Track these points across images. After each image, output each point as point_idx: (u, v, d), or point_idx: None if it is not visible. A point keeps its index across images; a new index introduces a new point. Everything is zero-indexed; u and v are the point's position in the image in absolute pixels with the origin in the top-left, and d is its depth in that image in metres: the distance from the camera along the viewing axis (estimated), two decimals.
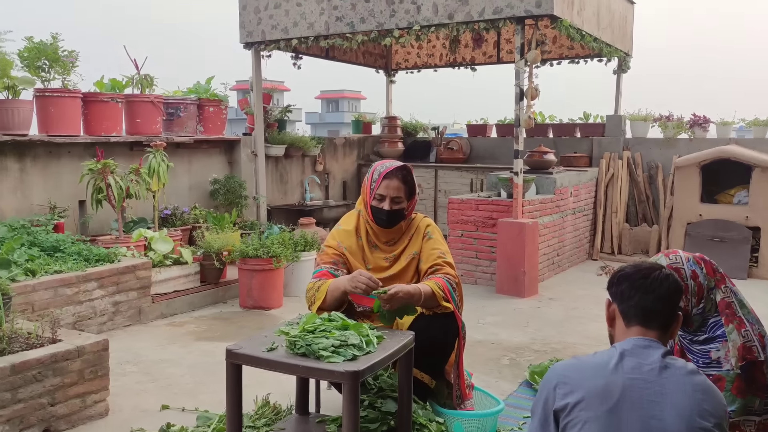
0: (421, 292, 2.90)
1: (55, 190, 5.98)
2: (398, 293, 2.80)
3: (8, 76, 5.45)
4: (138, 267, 5.14)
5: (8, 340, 3.26)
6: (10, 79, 5.48)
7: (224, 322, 5.29)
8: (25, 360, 3.08)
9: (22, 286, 4.31)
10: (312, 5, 7.01)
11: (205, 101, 7.31)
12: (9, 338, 3.28)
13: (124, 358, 4.31)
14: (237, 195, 7.42)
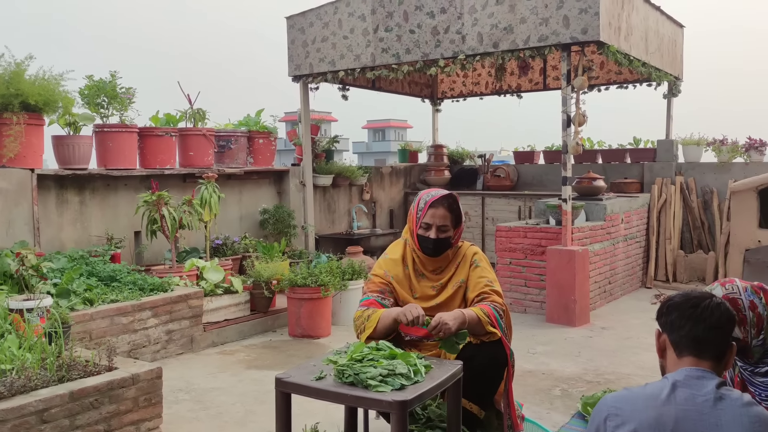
0: (465, 316, 2.90)
1: (112, 222, 6.19)
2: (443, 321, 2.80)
3: (70, 113, 5.70)
4: (190, 296, 5.25)
5: (67, 368, 3.36)
6: (72, 116, 5.74)
7: (273, 351, 5.34)
8: (83, 387, 3.17)
9: (80, 315, 4.46)
10: (358, 38, 7.15)
11: (255, 133, 7.49)
12: (68, 366, 3.38)
13: (176, 386, 4.38)
14: (286, 224, 7.53)
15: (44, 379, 3.19)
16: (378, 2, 6.98)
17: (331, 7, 7.34)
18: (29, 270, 4.37)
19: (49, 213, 5.69)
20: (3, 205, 5.16)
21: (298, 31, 7.60)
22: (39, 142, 5.46)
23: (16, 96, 5.12)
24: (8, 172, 5.22)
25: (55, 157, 5.79)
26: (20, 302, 3.93)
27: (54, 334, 3.64)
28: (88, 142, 5.86)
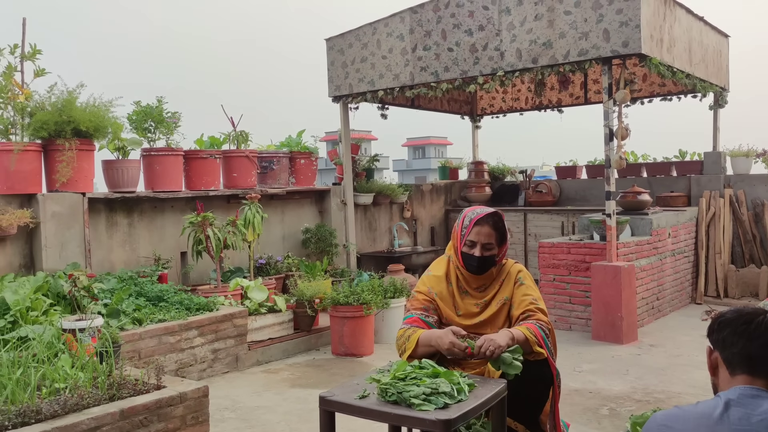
0: (513, 336, 2.85)
1: (159, 243, 6.34)
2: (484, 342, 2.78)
3: (119, 138, 5.89)
4: (235, 315, 5.33)
5: (118, 386, 3.44)
6: (120, 140, 5.93)
7: (317, 369, 5.37)
8: (133, 405, 3.24)
9: (130, 334, 4.57)
10: (397, 57, 7.21)
11: (297, 154, 7.60)
12: (119, 384, 3.47)
13: (222, 405, 4.44)
14: (328, 243, 7.59)
15: (96, 397, 3.27)
16: (416, 22, 7.04)
17: (369, 28, 7.43)
18: (81, 291, 4.50)
19: (99, 235, 5.86)
20: (56, 228, 5.34)
21: (338, 53, 7.71)
22: (90, 166, 5.65)
23: (69, 123, 5.32)
24: (61, 197, 5.41)
25: (105, 180, 5.97)
26: (73, 322, 4.05)
27: (105, 353, 3.74)
28: (136, 166, 6.04)
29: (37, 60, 5.43)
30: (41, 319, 4.36)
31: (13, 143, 5.24)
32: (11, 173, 5.21)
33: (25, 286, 4.63)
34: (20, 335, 4.03)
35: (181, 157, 6.41)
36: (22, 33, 5.40)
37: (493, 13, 6.49)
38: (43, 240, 5.27)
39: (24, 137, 5.36)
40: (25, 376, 3.32)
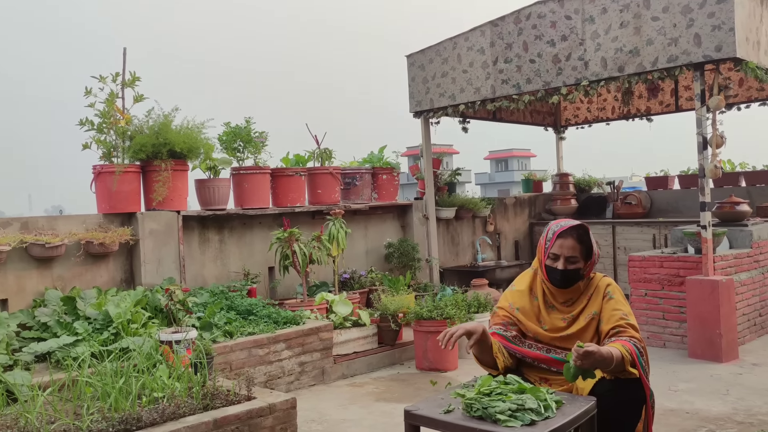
0: (613, 356, 2.74)
1: (248, 258, 6.56)
2: (594, 353, 2.68)
3: (210, 158, 6.16)
4: (321, 329, 5.43)
5: (211, 397, 3.59)
6: (212, 160, 6.20)
7: (402, 384, 5.38)
8: (225, 415, 3.36)
9: (221, 346, 4.74)
10: (478, 71, 7.20)
11: (379, 169, 7.69)
12: (212, 395, 3.61)
13: (309, 417, 4.53)
14: (410, 258, 7.62)
15: (191, 406, 3.42)
16: (497, 35, 7.01)
17: (449, 43, 7.46)
18: (177, 305, 4.72)
19: (192, 251, 6.13)
20: (154, 245, 5.63)
21: (418, 68, 7.77)
22: (184, 185, 5.93)
23: (164, 145, 5.61)
24: (158, 215, 5.70)
25: (197, 199, 6.25)
26: (169, 335, 4.25)
27: (199, 364, 3.91)
28: (226, 184, 6.29)
29: (136, 86, 5.77)
30: (141, 331, 4.60)
31: (114, 165, 5.58)
32: (113, 193, 5.54)
33: (126, 300, 4.90)
34: (122, 346, 4.27)
35: (269, 175, 6.62)
36: (123, 62, 5.76)
37: (576, 22, 6.38)
38: (141, 256, 5.56)
39: (124, 159, 5.70)
40: (126, 385, 3.51)
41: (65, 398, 3.54)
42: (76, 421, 3.21)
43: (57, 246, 5.06)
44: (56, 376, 3.90)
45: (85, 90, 5.57)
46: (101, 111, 5.60)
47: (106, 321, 4.65)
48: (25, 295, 5.06)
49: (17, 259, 5.02)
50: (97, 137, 5.64)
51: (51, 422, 3.21)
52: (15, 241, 4.91)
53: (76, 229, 5.35)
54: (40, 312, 4.77)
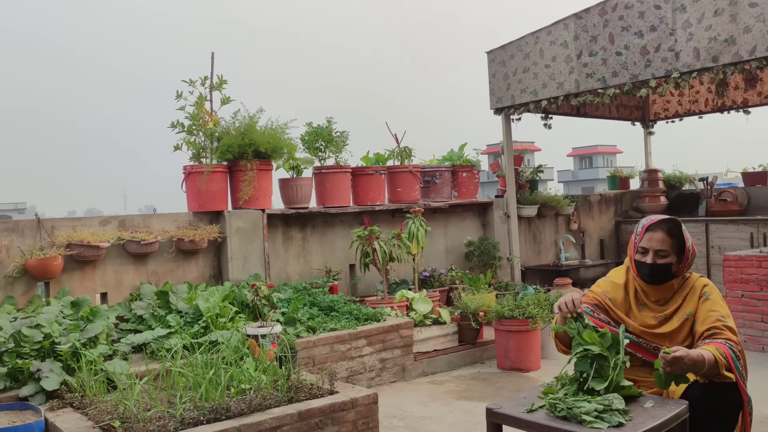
0: (705, 360, 2.61)
1: (330, 255, 6.67)
2: (683, 358, 2.57)
3: (293, 157, 6.31)
4: (401, 326, 5.46)
5: (295, 390, 3.68)
6: (295, 160, 6.35)
7: (482, 383, 5.34)
8: (309, 408, 3.44)
9: (305, 341, 4.85)
10: (561, 65, 7.03)
11: (459, 167, 7.65)
12: (296, 388, 3.70)
13: (391, 413, 4.56)
14: (491, 256, 7.54)
15: (276, 399, 3.52)
16: (581, 27, 6.82)
17: (531, 38, 7.33)
18: (262, 300, 4.86)
19: (277, 248, 6.30)
20: (240, 243, 5.83)
21: (499, 65, 7.67)
22: (268, 185, 6.11)
23: (250, 145, 5.79)
24: (244, 213, 5.89)
25: (281, 197, 6.42)
26: (255, 329, 4.39)
27: (283, 358, 4.01)
28: (308, 183, 6.42)
29: (223, 89, 5.98)
30: (228, 325, 4.78)
31: (203, 165, 5.81)
32: (202, 193, 5.77)
33: (214, 295, 5.10)
34: (211, 339, 4.44)
35: (349, 173, 6.71)
36: (211, 66, 5.99)
37: (666, 12, 6.12)
38: (229, 253, 5.76)
39: (212, 160, 5.92)
40: (216, 376, 3.65)
41: (160, 387, 3.72)
42: (170, 409, 3.37)
43: (151, 243, 5.32)
44: (151, 366, 4.11)
45: (177, 93, 5.83)
46: (191, 114, 5.84)
47: (197, 315, 4.85)
48: (123, 289, 5.35)
49: (115, 255, 5.31)
50: (187, 139, 5.89)
51: (147, 409, 3.38)
52: (113, 238, 5.20)
53: (168, 226, 5.61)
54: (136, 305, 5.03)
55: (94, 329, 4.26)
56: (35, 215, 5.13)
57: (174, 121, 5.84)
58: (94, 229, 5.25)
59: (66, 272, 5.06)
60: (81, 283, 5.16)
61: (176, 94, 5.82)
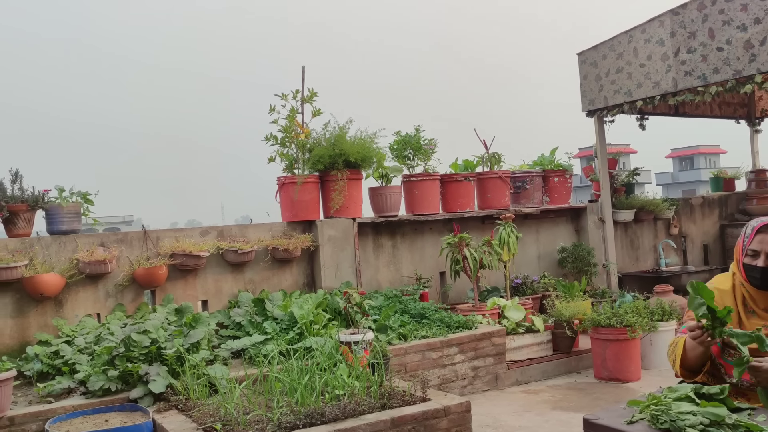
0: None
1: (420, 263, 6.69)
2: (763, 366, 2.41)
3: (382, 166, 6.38)
4: (493, 334, 5.39)
5: (388, 396, 3.71)
6: (384, 168, 6.42)
7: (579, 393, 5.18)
8: (402, 415, 3.46)
9: (396, 348, 4.88)
10: (657, 64, 6.76)
11: (550, 172, 7.49)
12: (389, 394, 3.73)
13: (483, 422, 4.51)
14: (585, 262, 7.32)
15: (370, 405, 3.56)
16: (678, 24, 6.54)
17: (624, 37, 7.09)
18: (354, 307, 4.94)
19: (367, 256, 6.38)
20: (332, 251, 5.95)
21: (591, 66, 7.46)
22: (358, 194, 6.21)
23: (340, 155, 5.91)
24: (335, 222, 6.01)
25: (371, 206, 6.51)
26: (348, 336, 4.46)
27: (376, 364, 4.06)
28: (397, 192, 6.47)
29: (314, 101, 6.14)
30: (322, 331, 4.88)
31: (296, 176, 5.98)
32: (295, 203, 5.94)
33: (308, 303, 5.22)
34: (305, 345, 4.55)
35: (438, 181, 6.72)
36: (302, 79, 6.16)
37: None
38: (321, 261, 5.89)
39: (304, 170, 6.08)
40: (311, 381, 3.74)
41: (258, 391, 3.85)
42: (267, 413, 3.49)
43: (248, 252, 5.52)
44: (249, 371, 4.26)
45: (270, 107, 6.04)
46: (283, 126, 6.03)
47: (291, 322, 4.99)
48: (222, 297, 5.58)
49: (215, 264, 5.55)
50: (280, 151, 6.09)
51: (246, 413, 3.51)
52: (213, 247, 5.44)
53: (264, 236, 5.80)
54: (235, 312, 5.23)
55: (197, 335, 4.46)
56: (142, 227, 5.45)
57: (268, 134, 6.05)
58: (195, 240, 5.51)
59: (170, 280, 5.33)
60: (184, 291, 5.42)
61: (270, 108, 6.03)
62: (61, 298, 4.98)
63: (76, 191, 5.21)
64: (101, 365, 4.20)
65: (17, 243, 4.88)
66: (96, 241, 5.17)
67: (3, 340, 4.79)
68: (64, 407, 3.89)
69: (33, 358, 4.53)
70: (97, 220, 5.53)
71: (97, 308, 5.12)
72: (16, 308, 4.84)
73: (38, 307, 4.91)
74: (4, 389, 3.75)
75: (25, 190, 5.01)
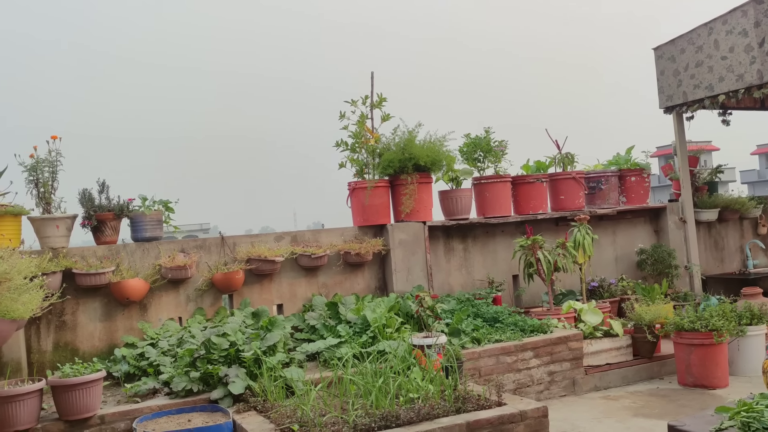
0: None
1: (492, 266, 6.61)
2: None
3: (452, 169, 6.35)
4: (570, 338, 5.27)
5: (462, 400, 3.68)
6: (454, 171, 6.38)
7: (662, 399, 4.99)
8: (477, 419, 3.42)
9: (470, 352, 4.84)
10: (740, 56, 6.45)
11: (626, 171, 7.26)
12: (463, 398, 3.70)
13: (561, 428, 4.41)
14: (666, 264, 7.05)
15: (444, 408, 3.54)
16: (762, 13, 6.22)
17: (704, 29, 6.80)
18: (426, 311, 4.93)
19: (438, 260, 6.36)
20: (403, 255, 5.95)
21: (668, 60, 7.20)
22: (428, 197, 6.20)
23: (410, 159, 5.92)
24: (406, 226, 6.02)
25: (441, 209, 6.48)
26: (421, 339, 4.46)
27: (450, 368, 4.03)
28: (468, 194, 6.42)
29: (383, 107, 6.18)
30: (394, 335, 4.89)
31: (366, 181, 6.03)
32: (366, 207, 5.98)
33: (380, 306, 5.25)
34: (379, 349, 4.57)
35: (509, 183, 6.62)
36: (371, 85, 6.22)
37: None
38: (392, 265, 5.91)
39: (374, 175, 6.13)
40: (385, 384, 3.76)
41: (333, 394, 3.90)
42: (343, 415, 3.52)
43: (321, 256, 5.61)
44: (324, 373, 4.31)
45: (340, 114, 6.12)
46: (353, 132, 6.10)
47: (364, 325, 5.03)
48: (296, 301, 5.68)
49: (289, 269, 5.66)
50: (351, 156, 6.15)
51: (322, 415, 3.56)
52: (287, 252, 5.55)
53: (335, 240, 5.88)
54: (309, 316, 5.32)
55: (273, 338, 4.56)
56: (219, 233, 5.62)
57: (338, 140, 6.13)
58: (270, 245, 5.64)
59: (247, 285, 5.47)
60: (260, 295, 5.56)
61: (340, 115, 6.11)
62: (145, 302, 5.19)
63: (157, 200, 5.43)
64: (183, 367, 4.35)
65: (105, 250, 5.12)
66: (177, 248, 5.37)
67: (93, 342, 5.04)
68: (150, 407, 4.05)
69: (120, 360, 4.75)
70: (177, 227, 5.75)
71: (178, 312, 5.31)
72: (105, 312, 5.09)
73: (124, 311, 5.14)
74: (95, 389, 3.94)
75: (111, 199, 5.26)
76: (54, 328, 4.95)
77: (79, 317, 5.02)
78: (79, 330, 5.01)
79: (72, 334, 4.99)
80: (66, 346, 4.97)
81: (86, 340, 5.03)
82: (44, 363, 4.86)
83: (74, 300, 4.99)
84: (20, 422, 3.70)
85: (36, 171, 4.94)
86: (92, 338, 5.04)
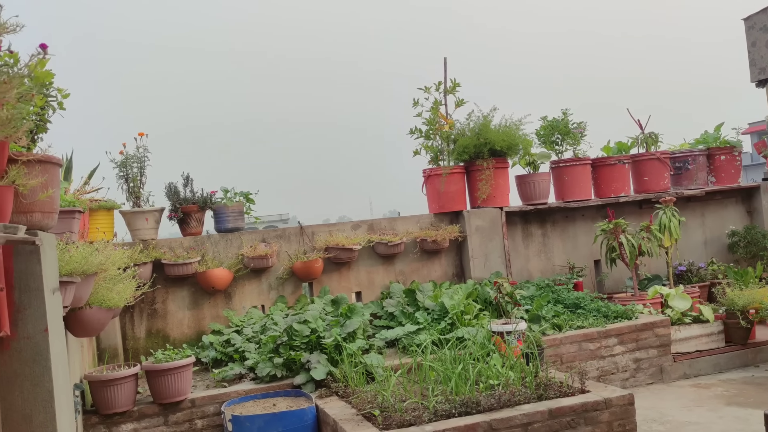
0: None
1: (572, 251, 6.45)
2: None
3: (529, 153, 6.23)
4: (656, 324, 5.09)
5: (544, 387, 3.62)
6: (531, 155, 6.26)
7: (758, 388, 4.75)
8: (560, 406, 3.37)
9: (550, 339, 4.75)
10: None
11: (715, 150, 6.92)
12: (545, 385, 3.64)
13: (649, 416, 4.27)
14: (760, 247, 6.68)
15: (525, 395, 3.50)
16: None
17: None
18: (505, 297, 4.88)
19: (516, 245, 6.26)
20: (480, 241, 5.90)
21: (760, 31, 6.78)
22: (505, 182, 6.10)
23: (485, 144, 5.85)
24: (483, 212, 5.96)
25: (518, 194, 6.37)
26: (500, 326, 4.42)
27: (530, 355, 3.98)
28: (546, 179, 6.29)
29: (456, 92, 6.12)
30: (473, 322, 4.86)
31: (441, 168, 6.00)
32: (441, 194, 5.96)
33: (458, 293, 5.23)
34: (457, 335, 4.56)
35: (589, 165, 6.43)
36: (444, 71, 6.16)
37: None
38: (469, 251, 5.87)
39: (449, 162, 6.09)
40: (464, 371, 3.75)
41: (412, 380, 3.92)
42: (423, 401, 3.54)
43: (397, 244, 5.63)
44: (403, 360, 4.34)
45: (413, 101, 6.10)
46: (427, 119, 6.07)
47: (442, 312, 5.02)
48: (374, 288, 5.74)
49: (366, 257, 5.71)
50: (425, 143, 6.14)
51: (402, 400, 3.59)
52: (364, 240, 5.61)
53: (412, 228, 5.89)
54: (387, 303, 5.36)
55: (352, 325, 4.62)
56: (298, 223, 5.73)
57: (413, 127, 6.12)
58: (347, 233, 5.71)
59: (325, 273, 5.57)
60: (338, 283, 5.64)
61: (413, 102, 6.10)
62: (229, 291, 5.38)
63: (238, 191, 5.59)
64: (267, 353, 4.48)
65: (190, 241, 5.33)
66: (258, 238, 5.52)
67: (182, 329, 5.27)
68: (237, 391, 4.20)
69: (208, 346, 4.94)
70: (258, 218, 5.91)
71: (261, 300, 5.47)
72: (192, 301, 5.30)
73: (210, 300, 5.34)
74: (185, 374, 4.12)
75: (195, 192, 5.46)
76: (146, 316, 5.20)
77: (169, 305, 5.26)
78: (169, 318, 5.25)
79: (162, 321, 5.23)
80: (157, 333, 5.22)
81: (176, 328, 5.26)
82: (138, 349, 5.12)
83: (164, 289, 5.23)
84: (119, 404, 3.92)
85: (125, 167, 5.19)
86: (181, 325, 5.27)
